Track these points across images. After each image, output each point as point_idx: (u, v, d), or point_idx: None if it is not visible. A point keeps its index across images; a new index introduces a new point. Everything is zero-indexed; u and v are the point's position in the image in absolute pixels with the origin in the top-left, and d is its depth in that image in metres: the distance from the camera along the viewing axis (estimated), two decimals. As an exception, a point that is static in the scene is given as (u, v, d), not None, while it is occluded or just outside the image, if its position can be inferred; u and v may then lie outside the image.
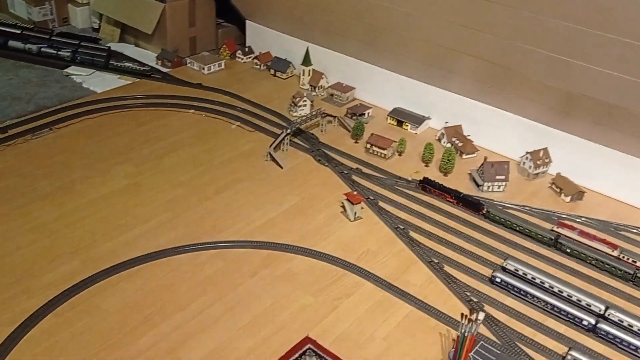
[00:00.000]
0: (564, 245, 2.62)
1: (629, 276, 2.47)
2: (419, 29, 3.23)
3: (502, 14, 2.84)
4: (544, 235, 2.65)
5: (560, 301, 2.27)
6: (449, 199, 2.93)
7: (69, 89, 3.68)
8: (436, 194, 2.96)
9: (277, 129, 3.42)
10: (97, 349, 2.02)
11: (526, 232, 2.69)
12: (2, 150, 3.01)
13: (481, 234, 2.72)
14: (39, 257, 2.38)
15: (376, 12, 3.34)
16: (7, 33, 4.08)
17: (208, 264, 2.45)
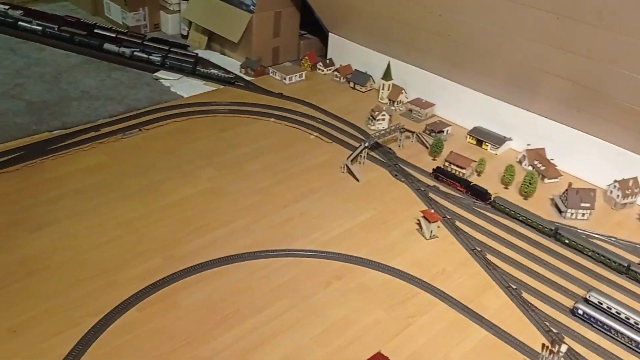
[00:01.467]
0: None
1: None
2: (506, 48, 3.17)
3: (594, 36, 2.75)
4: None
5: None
6: (459, 187, 3.07)
7: (158, 92, 3.84)
8: (447, 183, 3.11)
9: (355, 142, 3.44)
10: (175, 346, 2.09)
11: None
12: (94, 148, 3.17)
13: (562, 262, 2.63)
14: (124, 252, 2.49)
15: (462, 29, 3.31)
16: (103, 36, 4.30)
17: (284, 270, 2.48)
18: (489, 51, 3.28)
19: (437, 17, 3.38)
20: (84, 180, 2.91)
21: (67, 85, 3.75)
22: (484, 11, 3.10)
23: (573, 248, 2.67)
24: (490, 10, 3.06)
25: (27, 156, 3.01)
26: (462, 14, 3.22)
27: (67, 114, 3.45)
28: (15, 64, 3.93)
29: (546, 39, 2.96)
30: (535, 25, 2.94)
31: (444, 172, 3.16)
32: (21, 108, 3.43)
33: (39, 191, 2.79)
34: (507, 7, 2.95)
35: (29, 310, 2.17)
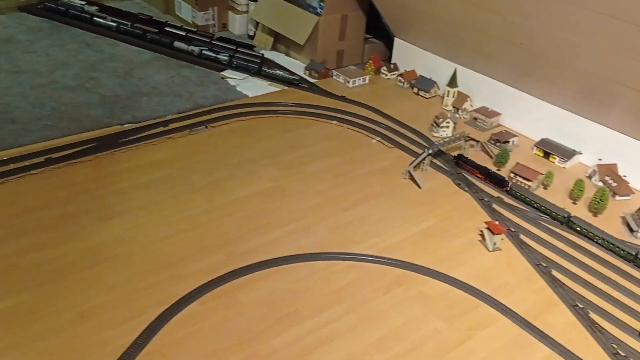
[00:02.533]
0: None
1: None
2: (582, 58, 3.07)
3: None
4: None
5: None
6: (478, 174, 3.18)
7: (224, 90, 3.91)
8: (467, 170, 3.22)
9: (417, 148, 3.40)
10: (235, 341, 2.12)
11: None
12: (162, 142, 3.26)
13: (632, 283, 2.52)
14: (188, 246, 2.54)
15: (537, 38, 3.23)
16: (173, 34, 4.42)
17: (343, 274, 2.48)
18: (562, 61, 3.19)
19: (510, 24, 3.31)
20: (152, 174, 2.99)
21: (138, 81, 3.87)
22: (562, 21, 3.01)
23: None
24: (569, 20, 2.97)
25: (99, 147, 3.12)
26: (537, 23, 3.14)
27: (138, 108, 3.55)
28: (90, 58, 4.08)
29: (626, 51, 2.85)
30: (615, 37, 2.84)
31: (463, 159, 3.26)
32: (95, 101, 3.56)
33: (110, 182, 2.89)
34: (588, 17, 2.86)
35: (97, 296, 2.25)
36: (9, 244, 2.43)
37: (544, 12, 3.08)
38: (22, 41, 4.22)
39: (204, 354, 2.06)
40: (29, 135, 3.15)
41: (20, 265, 2.34)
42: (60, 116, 3.38)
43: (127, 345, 2.06)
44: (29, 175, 2.85)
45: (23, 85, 3.64)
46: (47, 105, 3.46)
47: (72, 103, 3.52)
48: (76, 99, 3.58)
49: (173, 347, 2.07)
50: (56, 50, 4.14)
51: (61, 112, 3.42)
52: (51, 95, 3.57)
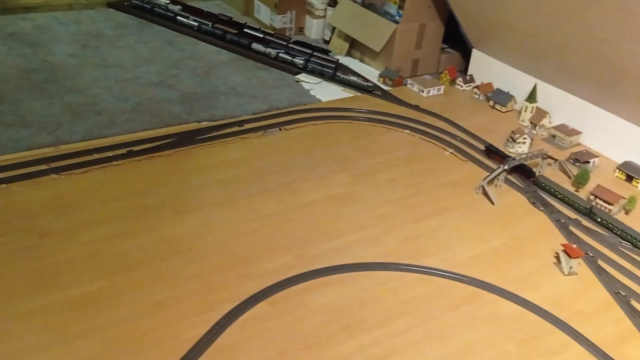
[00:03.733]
0: None
1: None
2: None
3: None
4: None
5: None
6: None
7: (298, 94, 3.95)
8: (497, 160, 3.31)
9: (491, 163, 3.33)
10: (300, 345, 2.13)
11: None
12: (237, 142, 3.32)
13: None
14: (259, 246, 2.58)
15: (628, 57, 3.09)
16: (252, 36, 4.50)
17: (411, 286, 2.46)
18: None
19: (600, 41, 3.19)
20: (226, 172, 3.05)
21: (216, 80, 3.96)
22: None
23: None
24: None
25: (178, 143, 3.21)
26: (630, 42, 3.01)
27: (215, 107, 3.64)
28: (172, 55, 4.21)
29: None
30: None
31: (493, 149, 3.38)
32: (175, 98, 3.67)
33: (186, 177, 2.97)
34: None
35: (171, 288, 2.31)
36: (92, 230, 2.54)
37: (638, 31, 2.95)
38: (110, 36, 4.41)
39: (270, 354, 2.08)
40: (113, 128, 3.28)
41: (102, 251, 2.44)
42: (142, 110, 3.50)
43: (197, 339, 2.10)
44: (112, 166, 2.97)
45: (109, 79, 3.80)
46: (130, 99, 3.60)
47: (153, 98, 3.64)
48: (158, 94, 3.70)
49: (240, 345, 2.10)
50: (141, 46, 4.29)
51: (143, 107, 3.54)
52: (135, 90, 3.71)
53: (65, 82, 3.68)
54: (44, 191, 2.73)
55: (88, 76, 3.79)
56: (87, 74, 3.81)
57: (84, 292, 2.24)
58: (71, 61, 3.95)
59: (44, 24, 4.43)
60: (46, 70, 3.79)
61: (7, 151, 2.96)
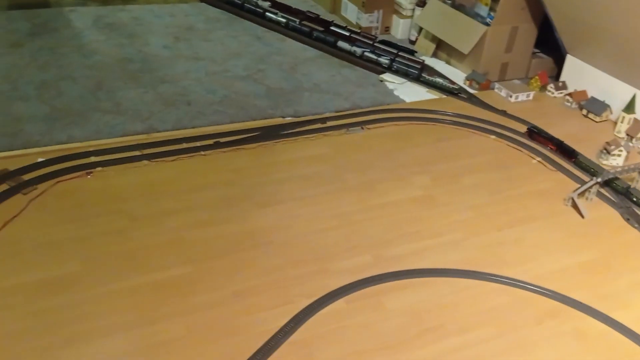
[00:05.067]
0: None
1: None
2: None
3: None
4: None
5: None
6: (550, 146, 3.36)
7: (382, 93, 3.92)
8: (540, 141, 3.37)
9: (582, 174, 3.18)
10: (377, 346, 2.11)
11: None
12: (320, 139, 3.34)
13: None
14: (338, 243, 2.58)
15: None
16: (338, 34, 4.51)
17: (492, 295, 2.39)
18: None
19: None
20: (308, 168, 3.08)
21: (301, 77, 4.00)
22: None
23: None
24: None
25: (262, 137, 3.27)
26: None
27: (299, 103, 3.67)
28: (259, 50, 4.29)
29: None
30: None
31: (536, 131, 3.43)
32: (261, 92, 3.74)
33: (269, 171, 3.01)
34: None
35: (251, 279, 2.35)
36: (179, 217, 2.62)
37: None
38: (201, 30, 4.54)
39: (346, 352, 2.08)
40: (201, 119, 3.38)
41: (186, 238, 2.51)
42: (230, 103, 3.58)
43: (275, 330, 2.13)
44: (199, 156, 3.06)
45: (199, 71, 3.92)
46: (219, 91, 3.69)
47: (241, 92, 3.72)
48: (245, 88, 3.78)
49: (317, 340, 2.11)
50: (230, 40, 4.40)
51: (230, 100, 3.62)
52: (223, 83, 3.80)
53: (159, 72, 3.82)
54: (136, 176, 2.85)
55: (180, 68, 3.93)
56: (179, 66, 3.95)
57: (168, 276, 2.32)
58: (165, 53, 4.10)
59: (141, 15, 4.63)
60: (141, 61, 3.95)
61: (103, 136, 3.11)
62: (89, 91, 3.54)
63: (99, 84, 3.63)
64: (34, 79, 3.58)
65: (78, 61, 3.86)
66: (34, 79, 3.58)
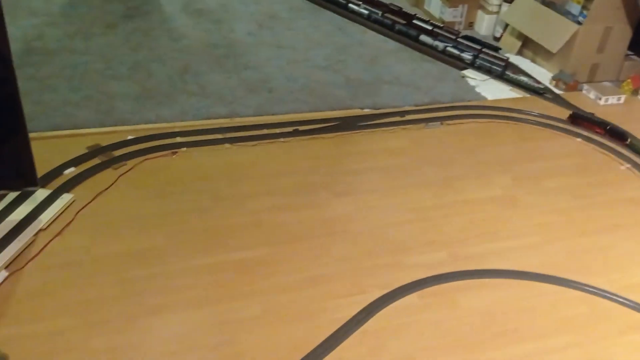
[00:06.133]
0: None
1: None
2: None
3: None
4: None
5: None
6: (597, 130, 3.23)
7: (463, 89, 3.85)
8: (585, 126, 3.24)
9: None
10: (448, 343, 2.09)
11: None
12: (398, 132, 3.32)
13: None
14: (413, 237, 2.56)
15: None
16: (420, 28, 4.46)
17: (573, 303, 2.31)
18: None
19: None
20: (385, 160, 3.07)
21: (381, 69, 3.98)
22: None
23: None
24: None
25: (341, 127, 3.28)
26: None
27: (378, 95, 3.66)
28: (340, 41, 4.30)
29: None
30: None
31: (580, 116, 3.36)
32: (341, 82, 3.75)
33: (346, 161, 3.02)
34: None
35: (326, 266, 2.38)
36: (258, 200, 2.68)
37: None
38: (284, 19, 4.60)
39: (417, 347, 2.07)
40: (281, 106, 3.43)
41: (265, 221, 2.57)
42: (310, 92, 3.62)
43: (346, 318, 2.15)
44: (278, 142, 3.11)
45: (281, 59, 3.97)
46: (299, 80, 3.73)
47: (320, 81, 3.75)
48: (325, 78, 3.80)
49: (388, 332, 2.11)
50: (312, 30, 4.43)
51: (310, 89, 3.66)
52: (304, 72, 3.84)
53: (242, 58, 3.91)
54: (218, 158, 2.93)
55: (263, 55, 3.99)
56: (262, 53, 4.02)
57: (247, 256, 2.38)
58: (249, 39, 4.18)
59: (227, 2, 4.74)
60: (226, 46, 4.05)
61: (188, 117, 3.21)
62: (176, 74, 3.66)
63: (186, 67, 3.75)
64: (126, 59, 3.74)
65: (167, 44, 4.00)
66: (126, 59, 3.74)
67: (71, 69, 3.55)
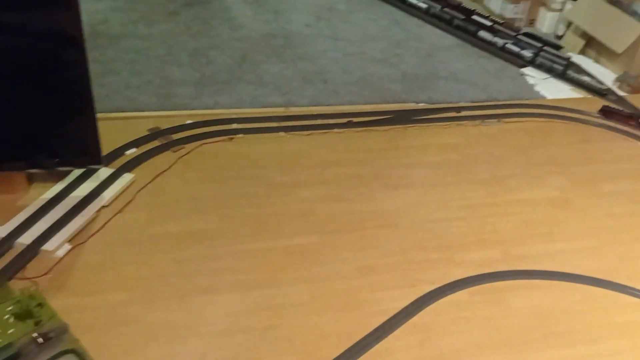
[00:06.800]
0: None
1: None
2: None
3: None
4: None
5: None
6: (631, 122, 3.16)
7: (521, 87, 3.78)
8: (616, 120, 3.16)
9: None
10: (498, 342, 2.07)
11: None
12: (452, 128, 3.29)
13: None
14: (465, 234, 2.54)
15: None
16: (479, 24, 4.39)
17: (627, 309, 2.27)
18: None
19: None
20: (439, 156, 3.05)
21: (437, 64, 3.95)
22: None
23: None
24: None
25: (394, 120, 3.28)
26: None
27: (434, 90, 3.63)
28: (397, 35, 4.28)
29: None
30: None
31: (612, 110, 3.34)
32: (396, 76, 3.74)
33: (399, 155, 3.02)
34: None
35: (374, 258, 2.39)
36: (310, 189, 2.71)
37: None
38: (341, 11, 4.61)
39: (466, 343, 2.06)
40: (336, 97, 3.45)
41: (316, 210, 2.60)
42: (365, 85, 3.62)
43: (394, 311, 2.16)
44: (332, 133, 3.13)
45: (337, 51, 3.99)
46: (355, 73, 3.74)
47: (376, 74, 3.75)
48: (380, 71, 3.80)
49: (436, 327, 2.11)
50: (369, 23, 4.43)
51: (365, 82, 3.66)
52: (360, 65, 3.85)
53: (299, 49, 3.94)
54: (272, 146, 2.98)
55: (319, 46, 4.02)
56: (318, 44, 4.04)
57: (297, 243, 2.41)
58: (306, 31, 4.22)
59: (285, -7, 4.78)
60: (284, 37, 4.09)
61: (245, 105, 3.27)
62: (234, 62, 3.73)
63: (244, 56, 3.81)
64: (187, 46, 3.84)
65: (226, 33, 4.07)
66: (187, 46, 3.84)
67: (134, 54, 3.67)
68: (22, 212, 2.29)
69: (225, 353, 1.93)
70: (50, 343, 1.78)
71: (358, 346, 1.99)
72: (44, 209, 2.30)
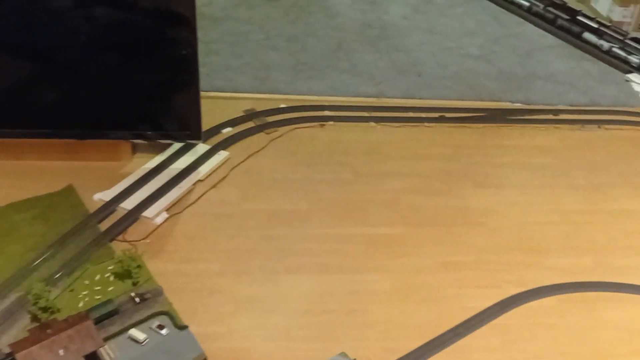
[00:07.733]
0: None
1: None
2: None
3: None
4: None
5: None
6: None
7: (626, 94, 3.59)
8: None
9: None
10: (582, 352, 2.01)
11: None
12: (549, 130, 3.18)
13: None
14: (556, 239, 2.46)
15: None
16: (585, 25, 4.19)
17: None
18: None
19: None
20: (533, 158, 2.95)
21: (536, 64, 3.81)
22: None
23: None
24: None
25: (488, 118, 3.20)
26: None
27: (531, 90, 3.52)
28: (495, 31, 4.17)
29: None
30: None
31: None
32: (492, 74, 3.65)
33: (491, 153, 2.95)
34: None
35: (460, 254, 2.35)
36: (398, 180, 2.71)
37: None
38: (440, 5, 4.55)
39: (550, 351, 2.00)
40: (429, 91, 3.41)
41: (402, 202, 2.59)
42: (459, 80, 3.56)
43: (478, 309, 2.12)
44: (423, 127, 3.10)
45: (433, 44, 3.94)
46: (450, 67, 3.68)
47: (472, 71, 3.67)
48: (476, 68, 3.72)
49: (521, 330, 2.06)
50: (467, 18, 4.34)
51: (460, 77, 3.60)
52: (455, 60, 3.78)
53: (394, 41, 3.93)
54: (362, 135, 2.99)
55: (415, 39, 3.99)
56: (414, 37, 4.01)
57: (382, 233, 2.42)
58: (402, 23, 4.19)
59: (384, -16, 4.75)
60: (380, 28, 4.08)
61: (337, 93, 3.30)
62: (330, 50, 3.77)
63: (339, 45, 3.83)
64: (284, 32, 3.91)
65: (323, 21, 4.11)
66: (284, 32, 3.91)
67: (234, 36, 3.78)
68: (125, 179, 2.43)
69: (308, 332, 1.97)
70: (146, 303, 1.88)
71: (438, 340, 1.98)
72: (145, 178, 2.43)
